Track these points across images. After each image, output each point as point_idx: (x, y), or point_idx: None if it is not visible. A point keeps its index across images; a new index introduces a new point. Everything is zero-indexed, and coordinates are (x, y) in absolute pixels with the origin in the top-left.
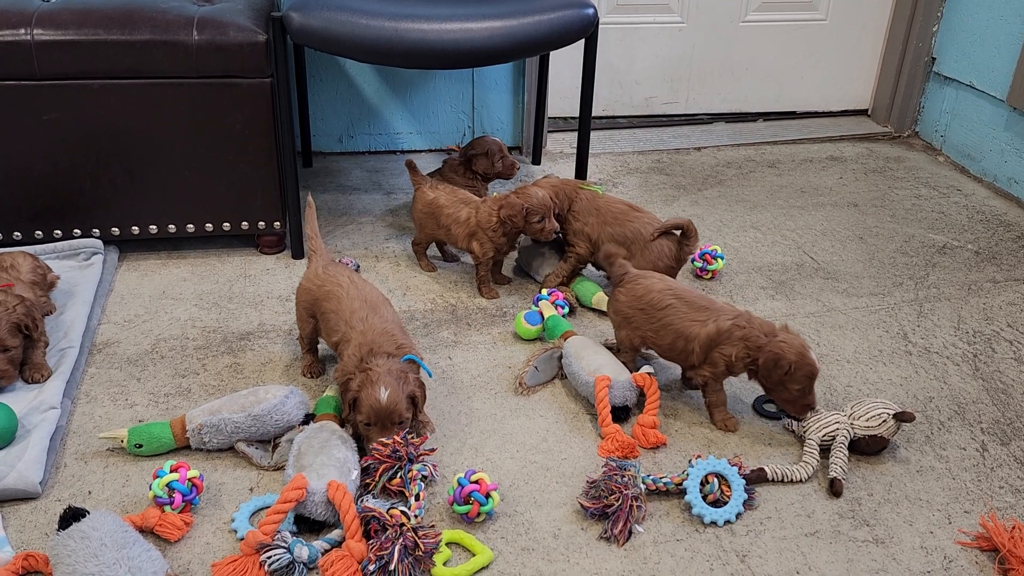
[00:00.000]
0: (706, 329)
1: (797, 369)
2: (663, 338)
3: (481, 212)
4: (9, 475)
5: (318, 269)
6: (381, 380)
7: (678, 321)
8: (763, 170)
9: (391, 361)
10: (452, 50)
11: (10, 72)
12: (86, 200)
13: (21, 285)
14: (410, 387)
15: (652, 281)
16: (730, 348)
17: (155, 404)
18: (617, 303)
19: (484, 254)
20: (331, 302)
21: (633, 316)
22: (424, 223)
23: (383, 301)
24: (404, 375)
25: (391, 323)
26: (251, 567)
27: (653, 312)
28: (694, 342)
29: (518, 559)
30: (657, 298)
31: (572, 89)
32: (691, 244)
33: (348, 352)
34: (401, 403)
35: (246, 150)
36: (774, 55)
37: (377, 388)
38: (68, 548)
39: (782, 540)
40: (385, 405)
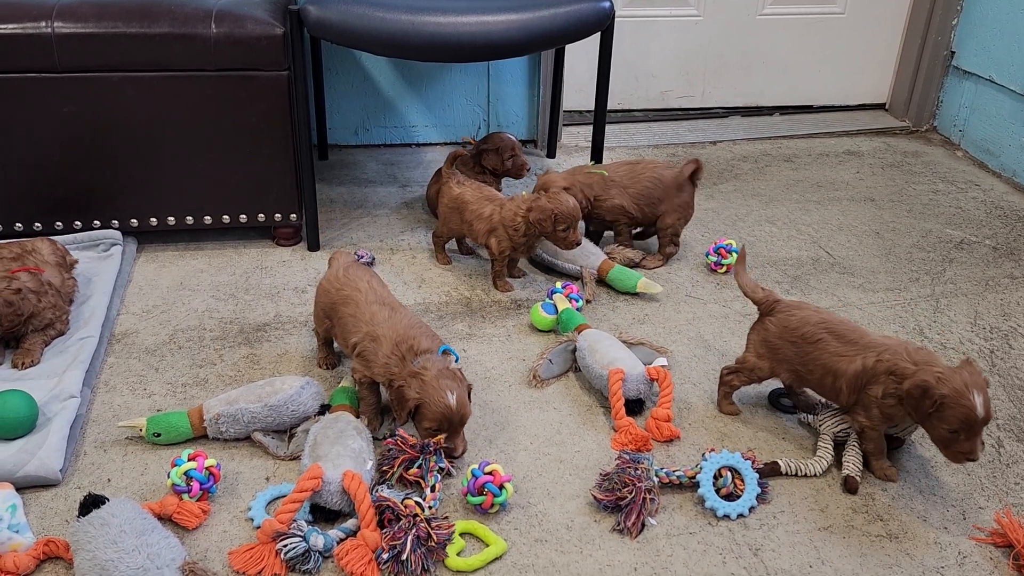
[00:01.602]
0: (853, 365)
1: (947, 407)
2: (812, 373)
3: (506, 210)
4: (30, 462)
5: (338, 272)
6: (444, 385)
7: (827, 356)
8: (779, 164)
9: (437, 360)
10: (468, 43)
11: (31, 65)
12: (105, 192)
13: (48, 268)
14: (466, 382)
15: (807, 313)
16: (876, 387)
17: (173, 394)
18: (766, 332)
19: (501, 251)
20: (349, 307)
21: (782, 348)
22: (448, 217)
23: (399, 304)
24: (455, 372)
25: (414, 319)
26: (267, 555)
27: (804, 346)
28: (841, 379)
29: (531, 550)
30: (811, 332)
31: (587, 82)
32: (700, 175)
33: (383, 351)
34: (467, 403)
35: (263, 143)
36: (791, 49)
37: (444, 394)
38: (88, 535)
39: (795, 534)
40: (456, 409)
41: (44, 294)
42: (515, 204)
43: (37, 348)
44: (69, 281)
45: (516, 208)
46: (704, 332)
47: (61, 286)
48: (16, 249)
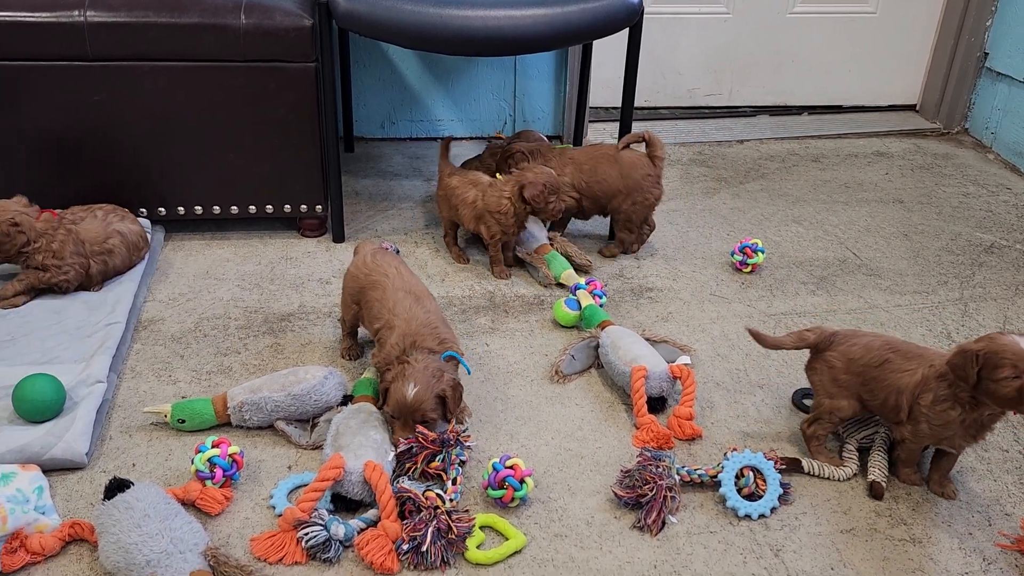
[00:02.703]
0: (914, 378)
1: (991, 357)
2: (876, 396)
3: (488, 196)
4: (57, 445)
5: (366, 258)
6: (413, 376)
7: (892, 376)
8: (806, 164)
9: (430, 358)
10: (496, 37)
11: (64, 53)
12: (134, 181)
13: (90, 230)
14: (441, 386)
15: (869, 339)
16: (927, 394)
17: (197, 381)
18: (832, 371)
19: (492, 236)
20: (376, 291)
21: (848, 382)
22: (441, 205)
23: (427, 294)
24: (439, 373)
25: (434, 315)
26: (288, 543)
27: (871, 371)
28: (903, 395)
29: (551, 545)
30: (877, 356)
31: (614, 79)
32: (657, 150)
33: (391, 341)
34: (427, 402)
35: (290, 134)
36: (821, 48)
37: (407, 384)
38: (113, 518)
39: (817, 536)
40: (410, 402)
41: (48, 238)
42: (497, 189)
43: (18, 285)
44: (108, 242)
45: (500, 193)
46: (728, 331)
47: (90, 249)
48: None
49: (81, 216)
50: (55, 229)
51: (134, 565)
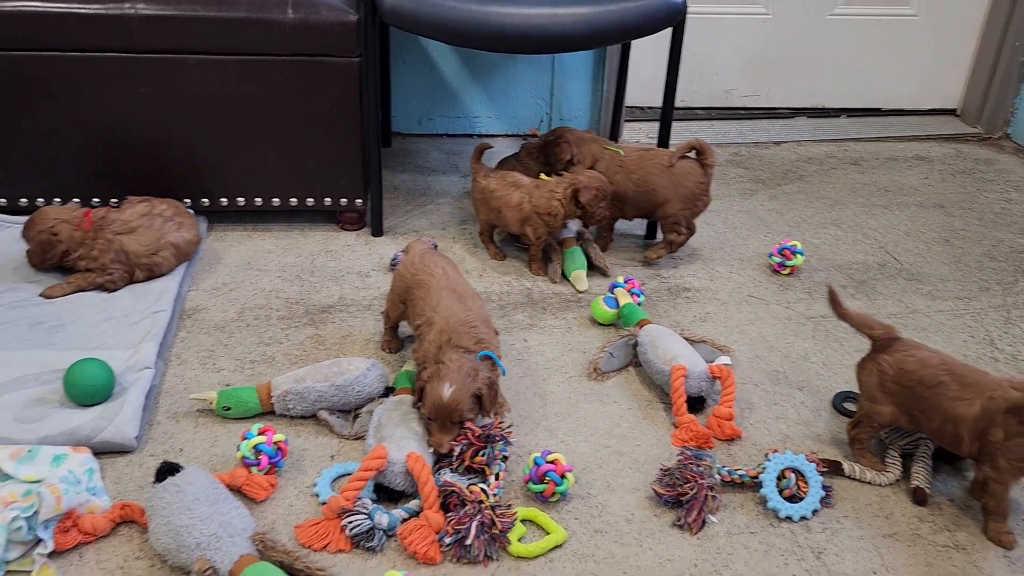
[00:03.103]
0: (972, 410)
1: None
2: (931, 420)
3: (537, 198)
4: (108, 428)
5: (415, 258)
6: (448, 377)
7: (947, 402)
8: (845, 167)
9: (465, 357)
10: (537, 35)
11: (113, 45)
12: (179, 171)
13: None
14: (476, 385)
15: (926, 355)
16: (996, 430)
17: (241, 370)
18: (881, 375)
19: (539, 238)
20: (421, 290)
21: (898, 392)
22: (478, 208)
23: (472, 294)
24: (474, 372)
25: (475, 314)
26: (332, 530)
27: (921, 390)
28: (962, 426)
29: (591, 541)
30: (931, 375)
31: (651, 79)
32: (708, 158)
33: (429, 338)
34: (464, 402)
35: (332, 128)
36: (861, 50)
37: (442, 385)
38: (163, 500)
39: (859, 539)
40: (447, 403)
41: (87, 247)
42: (545, 191)
43: (67, 287)
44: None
45: (549, 194)
46: (767, 333)
47: (136, 261)
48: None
49: (136, 222)
50: (93, 239)
51: (184, 547)
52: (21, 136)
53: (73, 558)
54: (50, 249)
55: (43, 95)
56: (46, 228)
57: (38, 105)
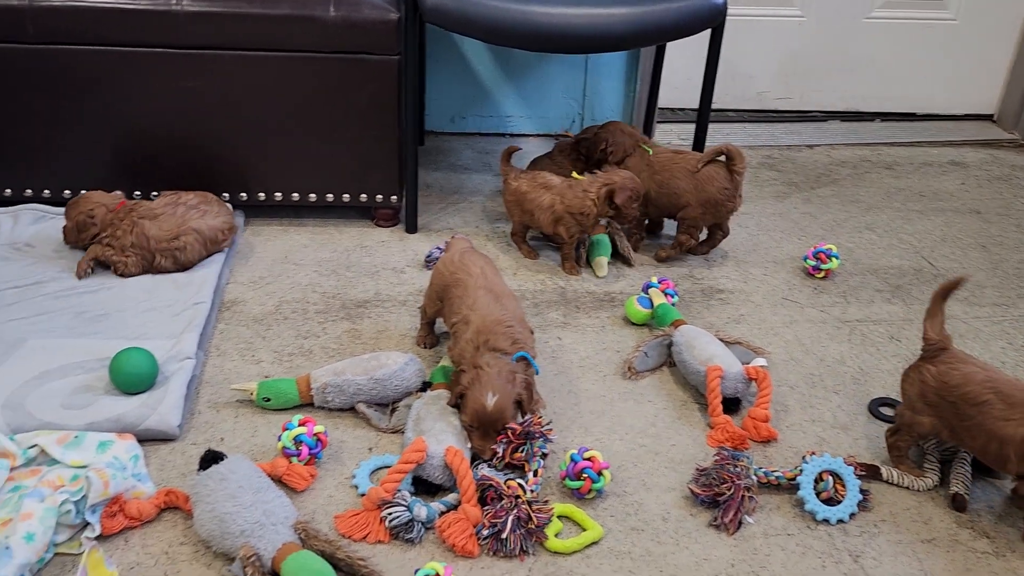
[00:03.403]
0: (1019, 430)
1: None
2: (974, 438)
3: (570, 198)
4: (151, 416)
5: (454, 256)
6: (490, 385)
7: (991, 421)
8: (879, 171)
9: (502, 361)
10: (577, 35)
11: (159, 40)
12: (218, 166)
13: (164, 216)
14: (517, 390)
15: (972, 370)
16: None
17: (279, 362)
18: (923, 385)
19: (572, 237)
20: (458, 289)
21: (939, 404)
22: (511, 211)
23: (508, 294)
24: (513, 377)
25: (511, 314)
26: (372, 521)
27: (965, 407)
28: (1009, 446)
29: (627, 538)
30: (974, 392)
31: (683, 80)
32: (737, 164)
33: (466, 336)
34: (508, 410)
35: (370, 125)
36: (897, 53)
37: (485, 393)
38: (208, 488)
39: (897, 544)
40: (490, 412)
41: (113, 227)
42: (578, 191)
43: (84, 261)
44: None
45: (583, 194)
46: (802, 336)
47: (156, 246)
48: (174, 196)
49: (160, 210)
50: (120, 220)
51: (228, 534)
52: (65, 129)
53: (119, 542)
54: (85, 230)
55: (88, 89)
56: (85, 210)
57: (83, 99)
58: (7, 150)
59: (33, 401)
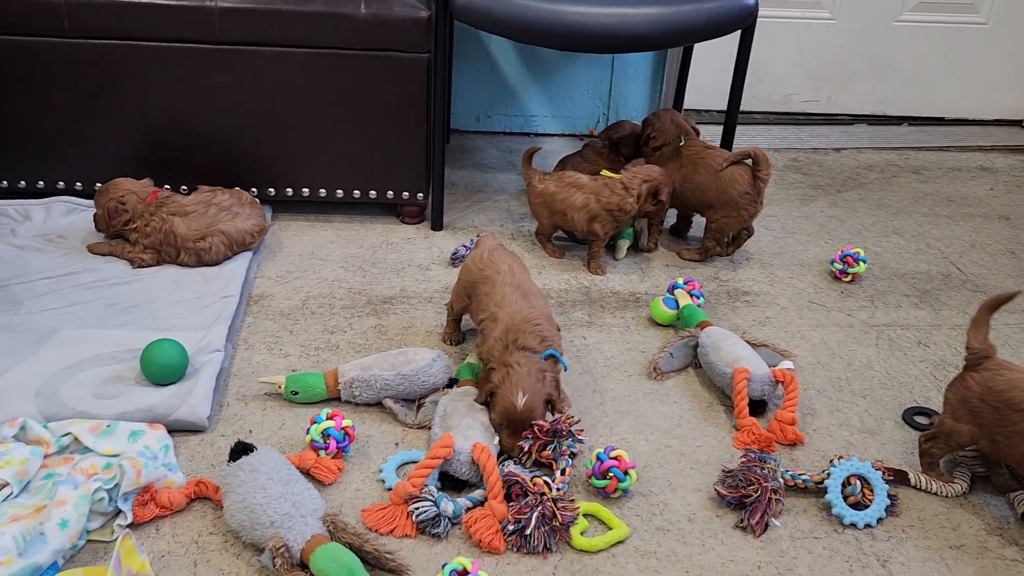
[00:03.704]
0: None
1: None
2: (1015, 447)
3: (606, 196)
4: (181, 408)
5: (483, 254)
6: (520, 384)
7: None
8: (907, 176)
9: (532, 360)
10: (607, 34)
11: (193, 35)
12: (248, 161)
13: (195, 213)
14: (547, 389)
15: (1018, 376)
16: None
17: (306, 356)
18: (966, 391)
19: (606, 234)
20: (486, 286)
21: (982, 411)
22: (539, 213)
23: (536, 291)
24: (542, 376)
25: (539, 312)
26: (399, 516)
27: (1009, 413)
28: None
29: (653, 538)
30: (1019, 397)
31: (708, 82)
32: (762, 170)
33: (495, 334)
34: (537, 409)
35: (398, 122)
36: (926, 57)
37: (516, 392)
38: (238, 479)
39: (925, 550)
40: (520, 411)
41: (144, 220)
42: (617, 188)
43: (104, 248)
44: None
45: (624, 191)
46: (828, 339)
47: (182, 244)
48: (209, 195)
49: (192, 207)
50: (151, 214)
51: (258, 525)
52: (98, 123)
53: (150, 530)
54: (115, 216)
55: (121, 83)
56: (116, 196)
57: (116, 93)
58: (40, 142)
59: (66, 390)
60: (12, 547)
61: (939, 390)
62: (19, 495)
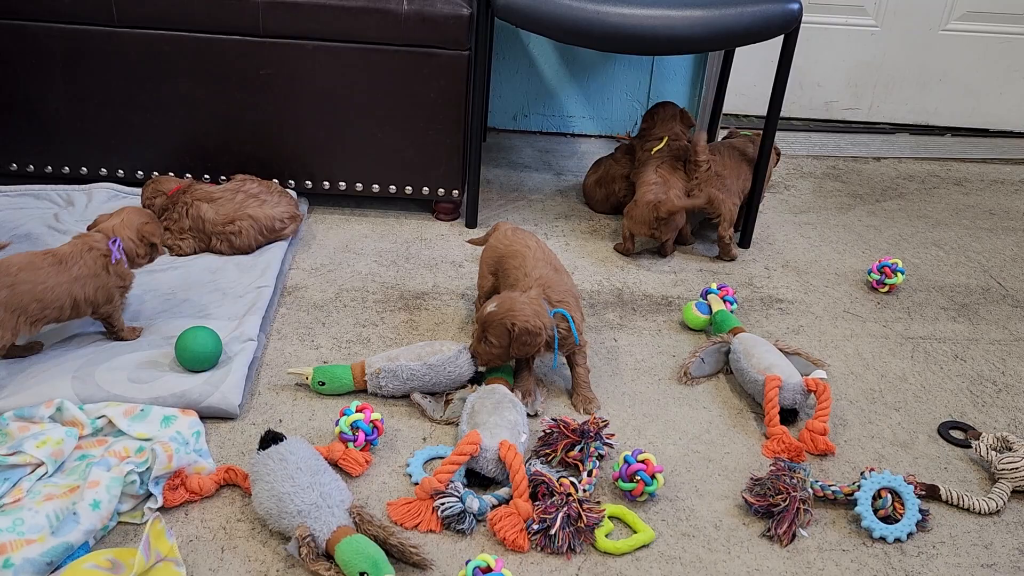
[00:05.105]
0: None
1: None
2: None
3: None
4: (214, 394)
5: (507, 232)
6: (501, 300)
7: None
8: (948, 187)
9: (538, 299)
10: (650, 36)
11: (238, 28)
12: (286, 153)
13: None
14: (511, 320)
15: None
16: None
17: (338, 348)
18: None
19: None
20: (516, 259)
21: None
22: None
23: (566, 271)
24: (524, 307)
25: (568, 287)
26: (424, 511)
27: None
28: None
29: (678, 543)
30: None
31: (747, 86)
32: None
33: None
34: (494, 325)
35: (436, 119)
36: (972, 67)
37: (493, 302)
38: (267, 467)
39: (956, 567)
40: (483, 317)
41: (174, 209)
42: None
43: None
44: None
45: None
46: (863, 350)
47: (211, 229)
48: (238, 183)
49: (219, 194)
50: (174, 204)
51: (286, 514)
52: (141, 111)
53: (179, 515)
54: (151, 206)
55: (165, 74)
56: (149, 194)
57: (159, 83)
58: (85, 129)
59: (102, 373)
60: (45, 525)
61: (975, 405)
62: (53, 475)
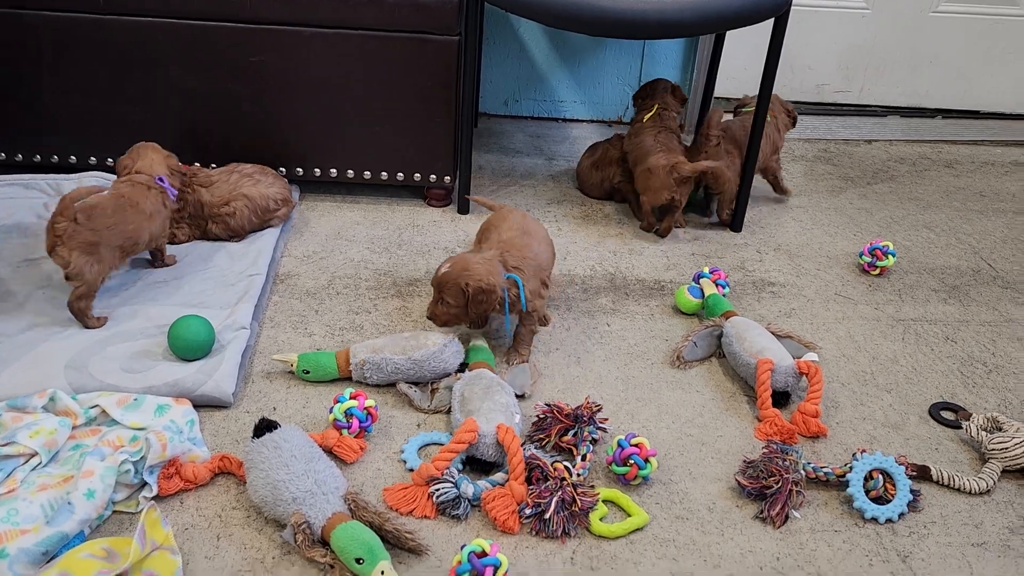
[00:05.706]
0: None
1: None
2: None
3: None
4: (207, 383)
5: (500, 210)
6: (454, 259)
7: None
8: (939, 169)
9: (493, 261)
10: (640, 20)
11: (229, 15)
12: (278, 140)
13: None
14: (466, 280)
15: None
16: None
17: (331, 336)
18: None
19: None
20: (495, 230)
21: None
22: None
23: (543, 239)
24: (478, 268)
25: (533, 252)
26: (420, 496)
27: None
28: None
29: (672, 526)
30: None
31: (738, 69)
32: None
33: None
34: (449, 286)
35: (427, 105)
36: (963, 50)
37: (447, 263)
38: (262, 455)
39: (947, 546)
40: (438, 277)
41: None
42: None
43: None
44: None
45: None
46: (854, 332)
47: (209, 211)
48: (233, 166)
49: (216, 177)
50: (181, 192)
51: (281, 501)
52: (131, 99)
53: (175, 503)
54: None
55: (155, 61)
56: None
57: (149, 70)
58: (74, 118)
59: (95, 363)
60: (40, 515)
61: (966, 386)
62: (47, 465)
